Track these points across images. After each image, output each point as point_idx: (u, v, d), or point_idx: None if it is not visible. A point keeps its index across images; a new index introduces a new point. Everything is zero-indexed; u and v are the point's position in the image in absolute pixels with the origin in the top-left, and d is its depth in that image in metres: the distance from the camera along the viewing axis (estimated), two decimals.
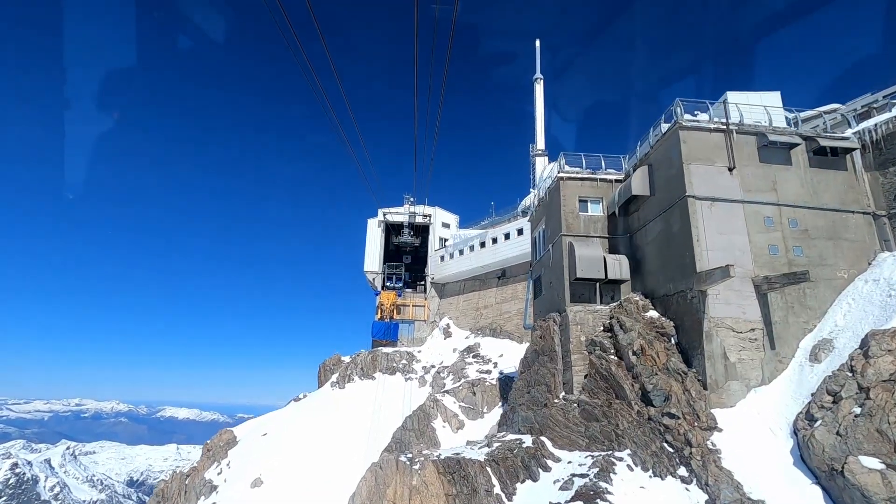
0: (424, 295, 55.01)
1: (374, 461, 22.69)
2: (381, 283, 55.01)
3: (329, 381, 49.20)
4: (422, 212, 55.38)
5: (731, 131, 19.20)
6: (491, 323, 46.24)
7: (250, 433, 43.30)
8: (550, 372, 21.84)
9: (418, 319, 53.58)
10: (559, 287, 22.99)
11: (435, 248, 55.61)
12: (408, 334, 52.79)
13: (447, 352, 46.62)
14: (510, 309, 44.75)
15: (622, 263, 21.89)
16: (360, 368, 48.27)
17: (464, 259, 50.20)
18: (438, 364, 45.13)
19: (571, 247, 22.16)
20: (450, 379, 40.78)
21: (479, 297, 49.23)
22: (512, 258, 45.05)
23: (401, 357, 48.00)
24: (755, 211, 18.49)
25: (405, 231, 55.82)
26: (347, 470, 34.42)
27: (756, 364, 16.81)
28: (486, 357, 41.25)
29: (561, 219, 23.31)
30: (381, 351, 49.16)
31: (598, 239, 23.15)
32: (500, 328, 44.93)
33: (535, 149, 57.46)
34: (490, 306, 47.36)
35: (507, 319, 44.51)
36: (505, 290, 46.36)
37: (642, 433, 16.62)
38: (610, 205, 23.50)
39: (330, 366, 51.22)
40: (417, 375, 44.98)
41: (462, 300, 51.59)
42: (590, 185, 24.03)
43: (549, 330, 22.76)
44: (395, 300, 52.83)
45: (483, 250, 48.02)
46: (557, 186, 24.00)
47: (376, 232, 56.65)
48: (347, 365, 49.23)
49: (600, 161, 24.58)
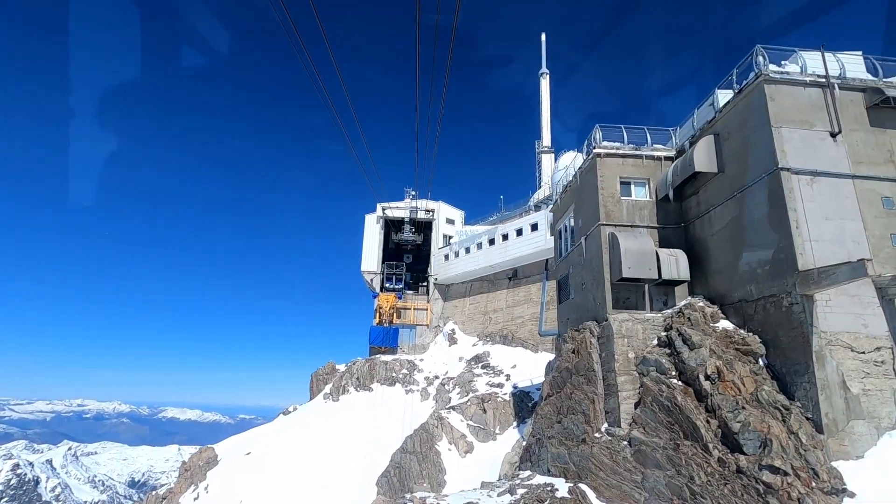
0: (427, 297, 50.48)
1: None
2: (379, 285, 50.51)
3: (322, 393, 44.73)
4: (424, 206, 50.88)
5: (832, 85, 14.61)
6: (501, 329, 41.65)
7: (233, 451, 38.80)
8: (588, 397, 17.27)
9: (420, 324, 49.04)
10: (596, 289, 18.44)
11: (438, 246, 51.09)
12: (409, 340, 48.25)
13: (452, 361, 42.05)
14: (523, 313, 40.17)
15: (679, 260, 17.31)
16: (355, 379, 43.80)
17: (471, 258, 45.68)
18: (443, 375, 40.56)
19: (614, 239, 17.60)
20: (456, 393, 36.21)
21: (488, 300, 44.65)
22: (524, 256, 40.49)
23: (401, 366, 43.47)
24: (869, 189, 13.89)
25: (406, 227, 51.34)
26: (340, 499, 29.89)
27: (887, 397, 12.22)
28: (497, 368, 36.68)
29: (599, 205, 18.73)
30: (380, 359, 44.65)
31: (646, 229, 18.58)
32: (511, 335, 40.34)
33: (541, 145, 54.48)
34: (500, 310, 42.79)
35: (520, 325, 39.93)
36: (517, 293, 41.78)
37: (730, 492, 12.03)
38: (660, 187, 18.92)
39: (323, 375, 46.71)
40: (419, 387, 40.44)
41: (469, 303, 47.02)
42: (633, 164, 19.46)
43: (584, 343, 18.20)
44: (394, 303, 48.30)
45: (492, 248, 43.46)
46: (593, 165, 19.43)
47: (374, 228, 52.15)
48: (342, 374, 44.75)
49: (644, 134, 20.01)
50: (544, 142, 54.55)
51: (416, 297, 50.70)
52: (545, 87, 57.31)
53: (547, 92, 56.85)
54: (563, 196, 23.83)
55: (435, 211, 51.88)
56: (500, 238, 42.87)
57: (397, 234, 51.57)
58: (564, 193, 23.50)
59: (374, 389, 42.38)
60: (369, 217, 52.51)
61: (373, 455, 33.15)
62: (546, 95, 56.81)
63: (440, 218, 52.14)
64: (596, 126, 19.98)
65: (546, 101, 56.60)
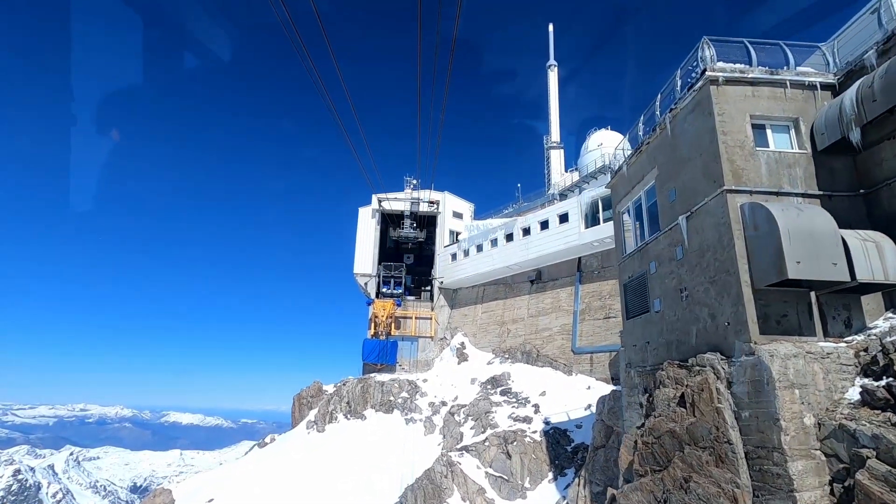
0: (431, 304, 43.05)
1: None
2: (375, 289, 43.11)
3: (305, 420, 37.29)
4: (427, 197, 43.50)
5: None
6: (523, 343, 34.16)
7: (193, 495, 31.32)
8: (724, 491, 9.80)
9: (423, 336, 41.60)
10: (721, 300, 11.03)
11: (444, 243, 43.71)
12: (409, 356, 40.81)
13: (463, 382, 34.57)
14: (550, 325, 32.70)
15: (884, 250, 9.89)
16: (345, 403, 36.35)
17: (483, 257, 38.28)
18: (451, 400, 33.08)
19: (759, 213, 10.21)
20: (469, 427, 28.71)
21: (505, 308, 37.20)
22: (551, 254, 33.08)
23: (400, 388, 36.00)
24: None
25: (406, 222, 44.00)
26: None
27: None
28: (521, 395, 29.18)
29: (719, 160, 11.32)
30: (374, 379, 37.19)
31: (803, 199, 11.18)
32: (536, 351, 32.84)
33: (550, 141, 49.28)
34: (520, 320, 35.31)
35: (547, 339, 32.44)
36: (541, 299, 34.30)
37: None
38: (821, 131, 11.51)
39: (307, 398, 39.23)
40: (422, 416, 32.95)
41: (481, 311, 39.56)
42: (770, 96, 12.04)
43: (704, 392, 10.74)
44: (392, 311, 40.88)
45: (510, 245, 36.05)
46: (705, 98, 12.01)
47: (369, 224, 44.80)
48: (330, 397, 37.29)
49: (783, 52, 12.57)
50: (553, 137, 49.51)
51: (418, 303, 43.27)
52: (553, 79, 52.51)
53: (555, 85, 52.01)
54: (631, 163, 16.40)
55: (440, 203, 44.54)
56: (519, 232, 35.45)
57: (396, 230, 44.26)
58: (635, 158, 16.08)
59: (367, 417, 34.92)
60: (363, 210, 45.19)
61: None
62: (554, 88, 51.98)
63: (446, 211, 44.79)
64: (703, 39, 12.56)
65: (554, 94, 51.74)
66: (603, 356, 28.16)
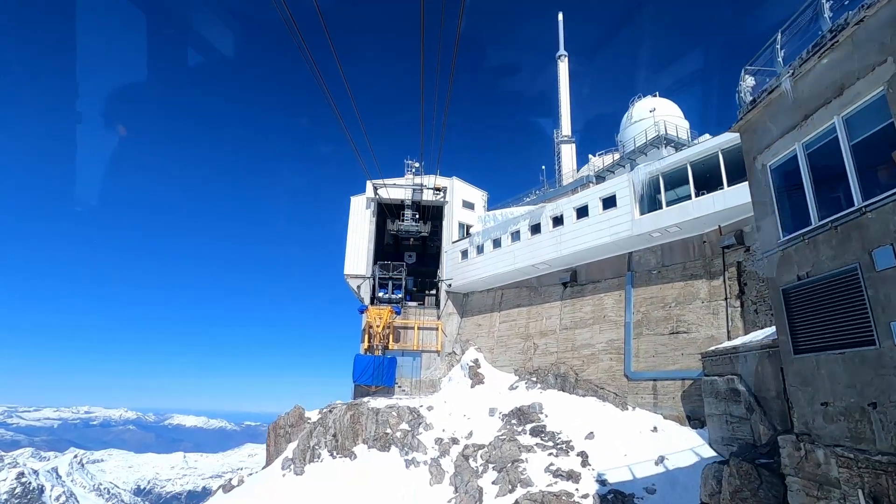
0: (437, 311, 35.85)
1: None
2: (370, 293, 35.94)
3: (282, 457, 30.05)
4: (432, 184, 36.35)
5: None
6: (555, 363, 26.84)
7: None
8: None
9: (428, 350, 34.40)
10: None
11: (453, 238, 36.55)
12: (411, 375, 33.60)
13: (478, 412, 27.26)
14: (592, 340, 25.40)
15: None
16: (331, 436, 29.06)
17: (502, 254, 31.07)
18: (465, 437, 25.81)
19: None
20: (490, 479, 21.39)
21: (530, 317, 29.89)
22: (592, 249, 25.86)
23: (399, 417, 28.73)
24: None
25: (407, 213, 36.91)
26: None
27: None
28: (560, 436, 21.82)
29: None
30: (367, 405, 29.90)
31: None
32: (574, 374, 25.50)
33: (560, 135, 44.88)
34: (551, 333, 28.00)
35: (589, 359, 25.11)
36: (579, 306, 26.99)
37: None
38: None
39: (285, 428, 31.96)
40: (428, 457, 25.67)
41: (499, 320, 32.28)
42: None
43: None
44: (390, 319, 33.69)
45: (536, 238, 28.82)
46: None
47: (363, 216, 37.67)
48: (313, 428, 30.03)
49: None
50: (563, 130, 45.34)
51: (421, 310, 36.05)
52: (563, 70, 48.64)
53: (565, 76, 48.32)
54: (806, 71, 9.11)
55: (447, 190, 37.36)
56: (548, 222, 28.20)
57: (395, 222, 37.16)
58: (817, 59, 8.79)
59: (357, 455, 27.65)
60: (356, 200, 38.06)
61: None
62: (565, 80, 48.12)
63: (454, 200, 37.62)
64: None
65: (565, 86, 47.66)
66: (671, 385, 20.88)
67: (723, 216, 20.61)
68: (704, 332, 20.50)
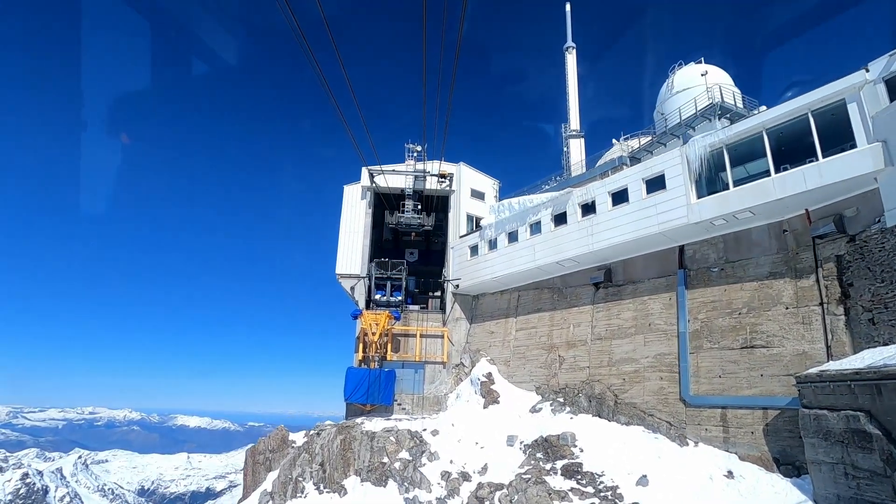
0: (442, 316, 31.20)
1: None
2: (365, 296, 31.35)
3: (260, 489, 25.56)
4: (437, 170, 31.69)
5: None
6: (587, 380, 22.11)
7: None
8: None
9: (432, 360, 29.77)
10: None
11: (460, 232, 31.90)
12: (412, 390, 28.98)
13: (494, 440, 22.54)
14: (636, 353, 20.65)
15: None
16: (318, 466, 24.55)
17: (519, 249, 26.41)
18: (478, 471, 21.12)
19: None
20: None
21: (554, 324, 25.15)
22: (631, 242, 21.14)
23: (398, 443, 24.11)
24: None
25: (408, 204, 32.29)
26: None
27: None
28: (601, 479, 17.09)
29: None
30: (361, 428, 25.32)
31: None
32: (612, 396, 20.74)
33: (569, 129, 42.57)
34: (580, 344, 23.27)
35: (632, 378, 20.35)
36: (616, 311, 22.22)
37: None
38: None
39: (265, 454, 27.38)
40: (433, 496, 20.98)
41: (515, 327, 27.57)
42: None
43: None
44: (388, 326, 29.09)
45: (561, 230, 24.12)
46: None
47: (358, 207, 33.07)
48: (297, 454, 25.49)
49: None
50: (572, 125, 41.51)
51: (424, 315, 31.36)
52: (571, 63, 44.27)
53: (574, 69, 44.07)
54: None
55: (454, 177, 32.69)
56: (576, 210, 23.47)
57: (394, 214, 32.56)
58: None
59: (347, 490, 23.09)
60: (349, 189, 33.45)
61: None
62: (573, 73, 44.00)
63: (462, 189, 32.95)
64: None
65: (573, 79, 44.11)
66: (748, 415, 16.15)
67: (814, 197, 15.93)
68: (792, 347, 15.79)
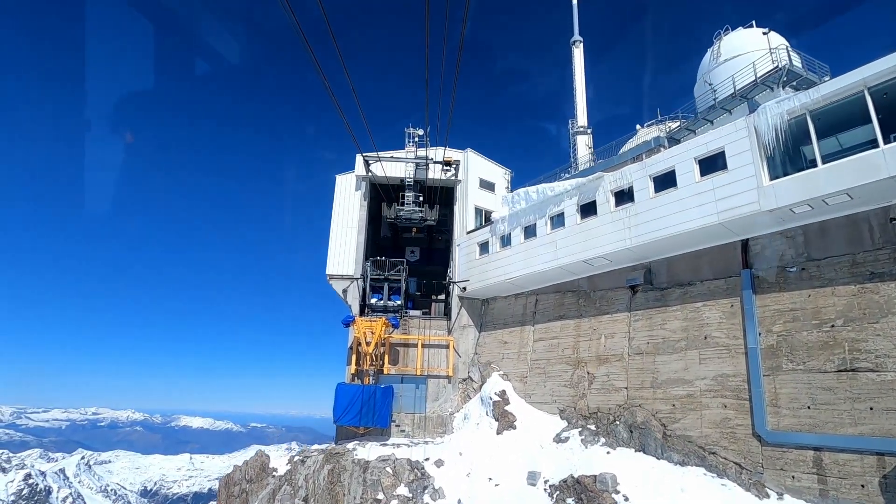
0: (447, 323, 27.38)
1: None
2: (359, 300, 27.58)
3: None
4: (441, 157, 27.91)
5: None
6: (625, 405, 18.22)
7: None
8: None
9: (435, 374, 25.94)
10: None
11: (468, 228, 28.09)
12: (413, 408, 25.14)
13: (511, 476, 18.67)
14: (689, 373, 16.74)
15: None
16: (301, 501, 20.73)
17: (537, 246, 22.55)
18: None
19: None
20: None
21: (581, 334, 21.27)
22: (680, 236, 17.23)
23: (396, 476, 20.28)
24: None
25: (408, 196, 28.55)
26: None
27: None
28: None
29: None
30: (353, 455, 21.50)
31: None
32: (660, 426, 16.85)
33: (576, 125, 39.65)
34: (615, 359, 19.37)
35: (685, 404, 16.45)
36: (662, 319, 18.32)
37: None
38: None
39: (241, 485, 23.53)
40: None
41: (533, 337, 23.71)
42: None
43: None
44: (385, 334, 25.28)
45: (589, 222, 20.27)
46: None
47: (352, 199, 29.32)
48: (278, 486, 21.67)
49: None
50: (579, 121, 39.98)
51: (426, 322, 27.54)
52: (578, 57, 42.95)
53: (581, 64, 42.82)
54: None
55: (460, 166, 28.90)
56: (608, 199, 19.61)
57: (393, 207, 28.81)
58: None
59: None
60: (342, 179, 29.70)
61: None
62: (580, 67, 42.68)
63: (469, 178, 29.15)
64: None
65: (580, 74, 42.48)
66: (855, 462, 12.25)
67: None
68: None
